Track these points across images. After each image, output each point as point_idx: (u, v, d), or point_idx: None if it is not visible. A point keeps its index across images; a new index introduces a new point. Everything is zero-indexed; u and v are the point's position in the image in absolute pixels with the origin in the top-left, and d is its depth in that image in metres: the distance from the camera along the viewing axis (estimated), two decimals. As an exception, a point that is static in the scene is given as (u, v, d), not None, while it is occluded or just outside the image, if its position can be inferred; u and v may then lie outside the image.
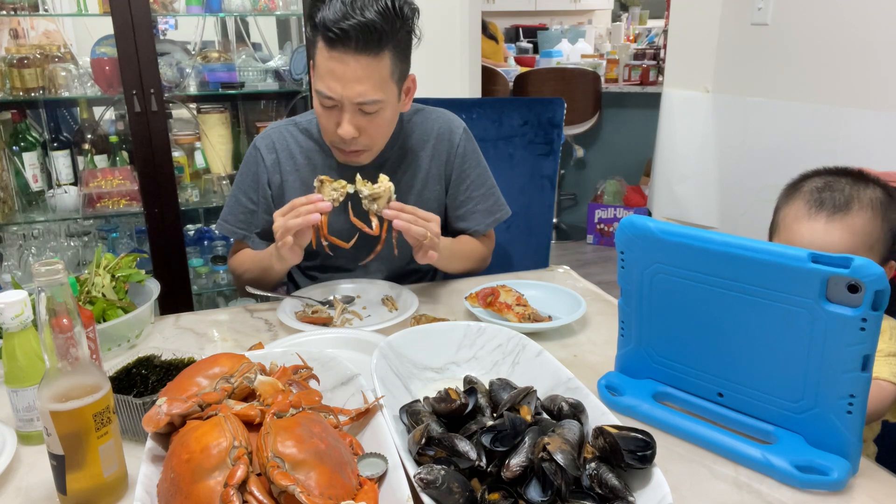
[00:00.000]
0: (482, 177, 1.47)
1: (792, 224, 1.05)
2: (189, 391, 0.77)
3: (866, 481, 0.78)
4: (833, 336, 0.74)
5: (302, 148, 1.41)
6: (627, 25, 6.07)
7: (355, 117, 1.23)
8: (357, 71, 1.18)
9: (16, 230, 2.27)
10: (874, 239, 1.00)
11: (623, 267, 0.93)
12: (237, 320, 1.27)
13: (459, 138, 1.44)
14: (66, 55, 2.30)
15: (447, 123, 1.45)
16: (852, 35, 2.03)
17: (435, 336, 0.98)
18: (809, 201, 1.03)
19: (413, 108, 1.44)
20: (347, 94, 1.19)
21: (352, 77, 1.18)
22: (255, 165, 1.42)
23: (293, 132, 1.42)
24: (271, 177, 1.41)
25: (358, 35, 1.15)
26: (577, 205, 4.82)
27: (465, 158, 1.45)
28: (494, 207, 1.48)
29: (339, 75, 1.18)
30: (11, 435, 0.86)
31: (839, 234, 1.00)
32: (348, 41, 1.16)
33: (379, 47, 1.18)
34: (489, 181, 1.49)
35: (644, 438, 0.72)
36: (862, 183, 1.03)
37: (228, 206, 1.44)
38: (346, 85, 1.19)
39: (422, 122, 1.44)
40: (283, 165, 1.41)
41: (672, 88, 2.85)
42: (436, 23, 2.74)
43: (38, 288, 0.69)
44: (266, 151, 1.41)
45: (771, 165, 2.40)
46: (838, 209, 1.00)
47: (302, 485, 0.64)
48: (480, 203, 1.46)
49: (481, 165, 1.48)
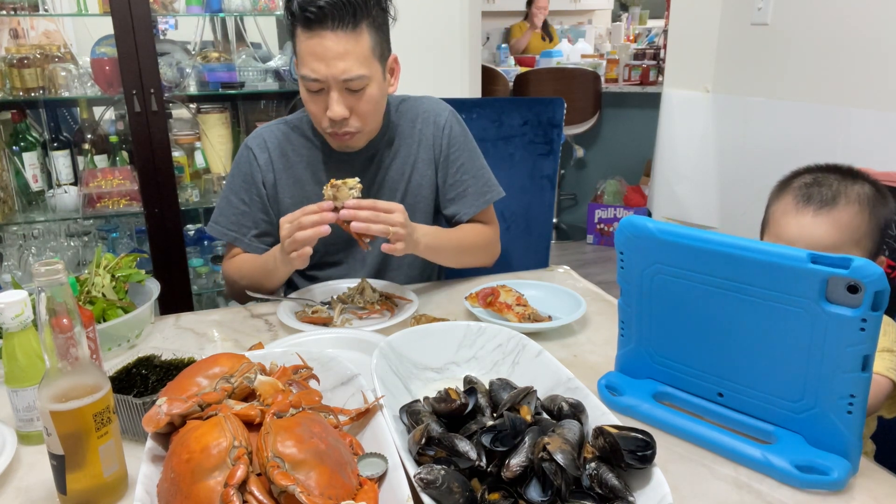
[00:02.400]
0: (472, 159, 1.46)
1: (780, 219, 1.06)
2: (189, 391, 0.77)
3: (866, 481, 0.78)
4: (833, 336, 0.74)
5: (293, 146, 1.41)
6: (627, 25, 6.07)
7: (343, 96, 1.24)
8: (338, 47, 1.20)
9: (16, 230, 2.27)
10: (861, 234, 1.01)
11: (623, 267, 0.93)
12: (237, 320, 1.27)
13: (446, 121, 1.44)
14: (66, 55, 2.30)
15: (433, 107, 1.46)
16: (852, 35, 2.03)
17: (435, 336, 0.98)
18: (797, 196, 1.04)
19: (399, 97, 1.45)
20: (332, 72, 1.21)
21: (333, 55, 1.20)
22: (248, 165, 1.41)
23: (284, 130, 1.43)
24: (265, 175, 1.41)
25: (333, 11, 1.17)
26: (577, 205, 4.82)
27: (452, 140, 1.44)
28: (485, 188, 1.46)
29: (320, 55, 1.20)
30: (11, 435, 0.86)
31: (825, 228, 1.01)
32: (325, 19, 1.18)
33: (355, 21, 1.20)
34: (478, 162, 1.47)
35: (644, 438, 0.72)
36: (850, 179, 1.04)
37: (219, 207, 1.44)
38: (330, 63, 1.20)
39: (408, 109, 1.45)
40: (275, 164, 1.41)
41: (672, 88, 2.85)
42: (436, 23, 2.74)
43: (38, 288, 0.69)
44: (258, 151, 1.41)
45: (771, 165, 2.40)
46: (825, 204, 1.02)
47: (302, 485, 0.64)
48: (471, 186, 1.45)
49: (470, 147, 1.46)
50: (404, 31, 1.30)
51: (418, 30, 2.65)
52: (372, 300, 1.27)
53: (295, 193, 1.41)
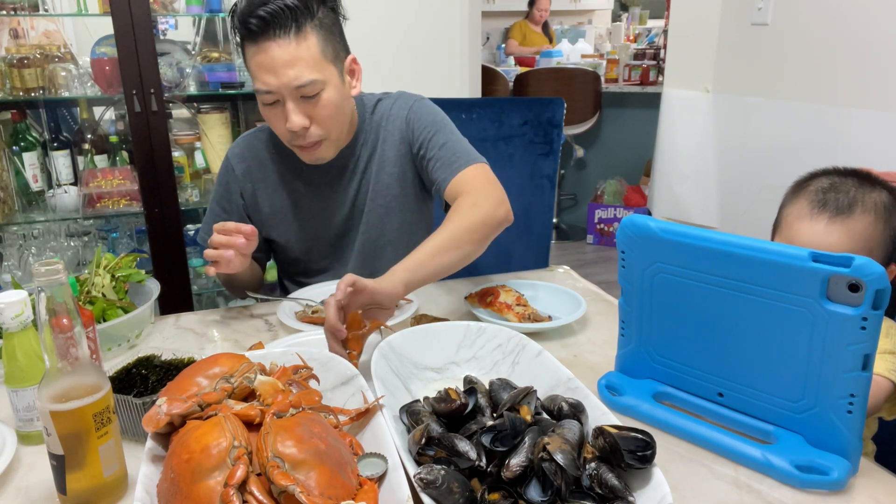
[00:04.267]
0: (438, 134, 1.35)
1: (794, 223, 1.05)
2: (189, 391, 0.77)
3: (866, 481, 0.78)
4: (833, 335, 0.74)
5: (272, 154, 1.41)
6: (627, 25, 6.08)
7: (299, 105, 1.22)
8: (284, 55, 1.17)
9: (16, 230, 2.27)
10: (874, 243, 1.00)
11: (624, 266, 0.93)
12: (237, 320, 1.27)
13: (409, 110, 1.39)
14: (66, 55, 2.30)
15: (400, 102, 1.41)
16: (852, 35, 2.03)
17: (435, 336, 0.98)
18: (813, 201, 1.03)
19: (375, 97, 1.42)
20: (282, 81, 1.18)
21: (281, 63, 1.17)
22: (226, 176, 1.42)
23: (262, 138, 1.42)
24: (243, 186, 1.41)
25: (273, 19, 1.16)
26: (577, 205, 4.82)
27: (413, 126, 1.38)
28: (452, 158, 1.32)
29: (268, 66, 1.18)
30: (11, 435, 0.86)
31: (838, 236, 1.00)
32: (266, 28, 1.16)
33: (298, 26, 1.17)
34: (444, 137, 1.35)
35: (644, 438, 0.72)
36: (868, 185, 1.03)
37: (206, 215, 1.46)
38: (279, 73, 1.18)
39: (381, 109, 1.41)
40: (254, 174, 1.41)
41: (672, 88, 2.85)
42: (436, 23, 2.74)
43: (38, 288, 0.69)
44: (236, 161, 1.41)
45: (771, 165, 2.40)
46: (840, 211, 1.00)
47: (302, 485, 0.64)
48: (440, 160, 1.33)
49: (436, 125, 1.36)
50: (404, 31, 1.30)
51: (418, 30, 2.65)
52: None
53: (274, 201, 1.41)
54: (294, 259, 1.46)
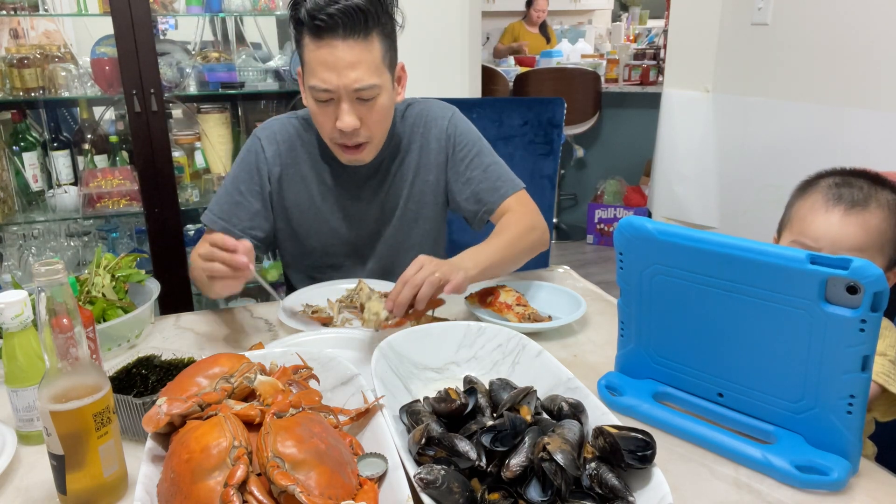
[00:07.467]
0: (480, 155, 1.40)
1: (807, 215, 1.04)
2: (189, 391, 0.77)
3: (866, 481, 0.79)
4: (832, 337, 0.74)
5: (303, 140, 1.39)
6: (627, 25, 6.08)
7: (354, 106, 1.21)
8: (349, 56, 1.16)
9: (16, 230, 2.27)
10: (886, 239, 1.00)
11: (622, 268, 0.93)
12: (237, 320, 1.27)
13: (449, 122, 1.41)
14: (66, 55, 2.31)
15: (438, 111, 1.42)
16: (852, 35, 2.03)
17: (435, 336, 0.98)
18: (827, 195, 1.02)
19: (405, 103, 1.43)
20: (343, 81, 1.17)
21: (344, 64, 1.17)
22: (255, 156, 1.37)
23: (294, 124, 1.40)
24: (271, 168, 1.37)
25: (344, 19, 1.14)
26: (577, 205, 4.82)
27: (455, 140, 1.40)
28: (498, 183, 1.38)
29: (331, 64, 1.17)
30: (11, 435, 0.86)
31: (854, 228, 0.99)
32: (336, 27, 1.15)
33: (366, 30, 1.17)
34: (487, 158, 1.41)
35: (644, 438, 0.72)
36: (879, 185, 1.03)
37: (217, 195, 1.39)
38: (341, 73, 1.17)
39: (413, 115, 1.42)
40: (283, 158, 1.38)
41: (672, 88, 2.85)
42: (436, 23, 2.74)
43: (38, 288, 0.69)
44: (267, 143, 1.38)
45: (771, 165, 2.40)
46: (856, 204, 1.00)
47: (302, 485, 0.64)
48: (483, 182, 1.38)
49: (477, 144, 1.41)
50: (404, 31, 1.30)
51: (419, 30, 2.65)
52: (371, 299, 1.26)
53: (300, 191, 1.39)
54: (308, 251, 1.43)
